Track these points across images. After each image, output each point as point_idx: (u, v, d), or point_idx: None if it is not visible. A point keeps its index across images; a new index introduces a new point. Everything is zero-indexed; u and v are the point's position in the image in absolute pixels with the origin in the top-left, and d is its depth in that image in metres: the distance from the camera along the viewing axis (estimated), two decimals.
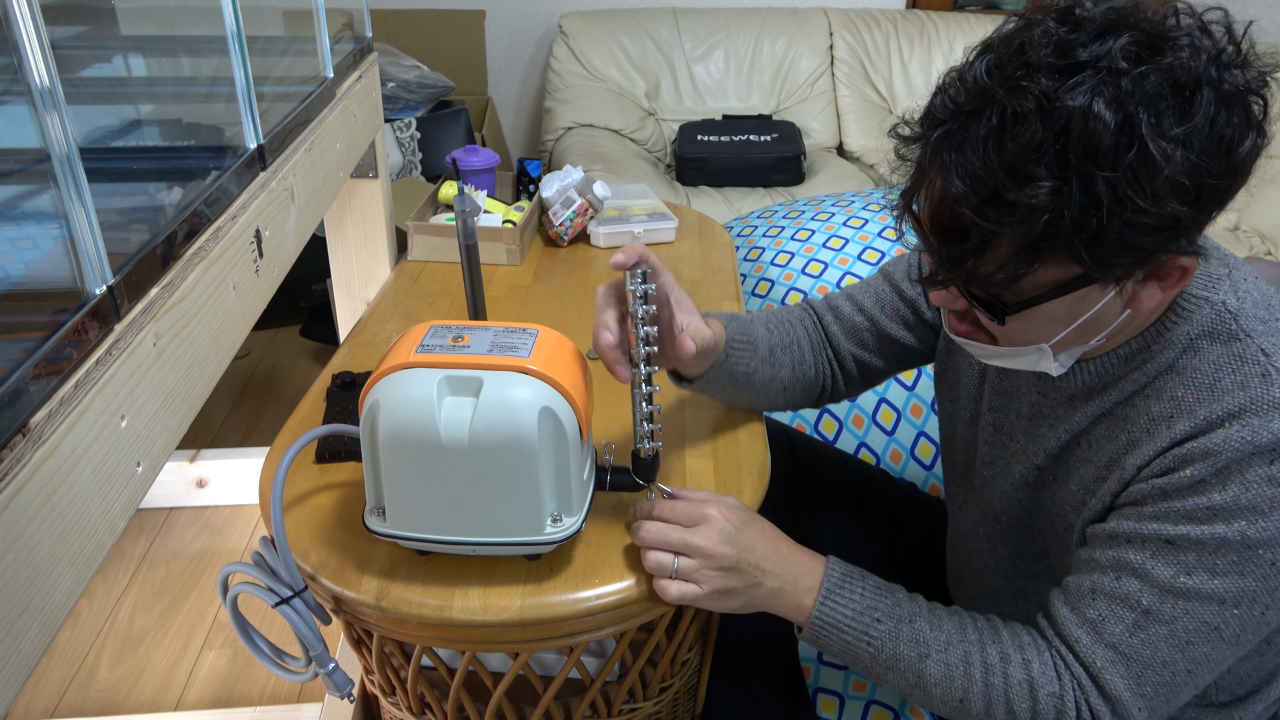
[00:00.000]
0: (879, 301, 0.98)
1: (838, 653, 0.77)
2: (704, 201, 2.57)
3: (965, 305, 0.69)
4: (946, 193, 0.61)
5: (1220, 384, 0.66)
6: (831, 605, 0.75)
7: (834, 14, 3.00)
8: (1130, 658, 0.68)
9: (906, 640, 0.74)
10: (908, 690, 0.75)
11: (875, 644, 0.74)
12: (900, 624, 0.74)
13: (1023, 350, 0.71)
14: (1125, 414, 0.72)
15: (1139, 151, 0.56)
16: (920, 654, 0.73)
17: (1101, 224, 0.57)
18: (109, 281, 0.63)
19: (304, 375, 2.25)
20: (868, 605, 0.75)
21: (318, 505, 0.87)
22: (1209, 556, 0.65)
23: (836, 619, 0.75)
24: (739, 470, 0.93)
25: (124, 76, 0.96)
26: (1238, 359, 0.66)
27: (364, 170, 1.47)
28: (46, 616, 0.54)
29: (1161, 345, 0.70)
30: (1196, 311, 0.69)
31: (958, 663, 0.72)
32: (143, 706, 1.32)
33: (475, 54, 3.02)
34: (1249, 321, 0.67)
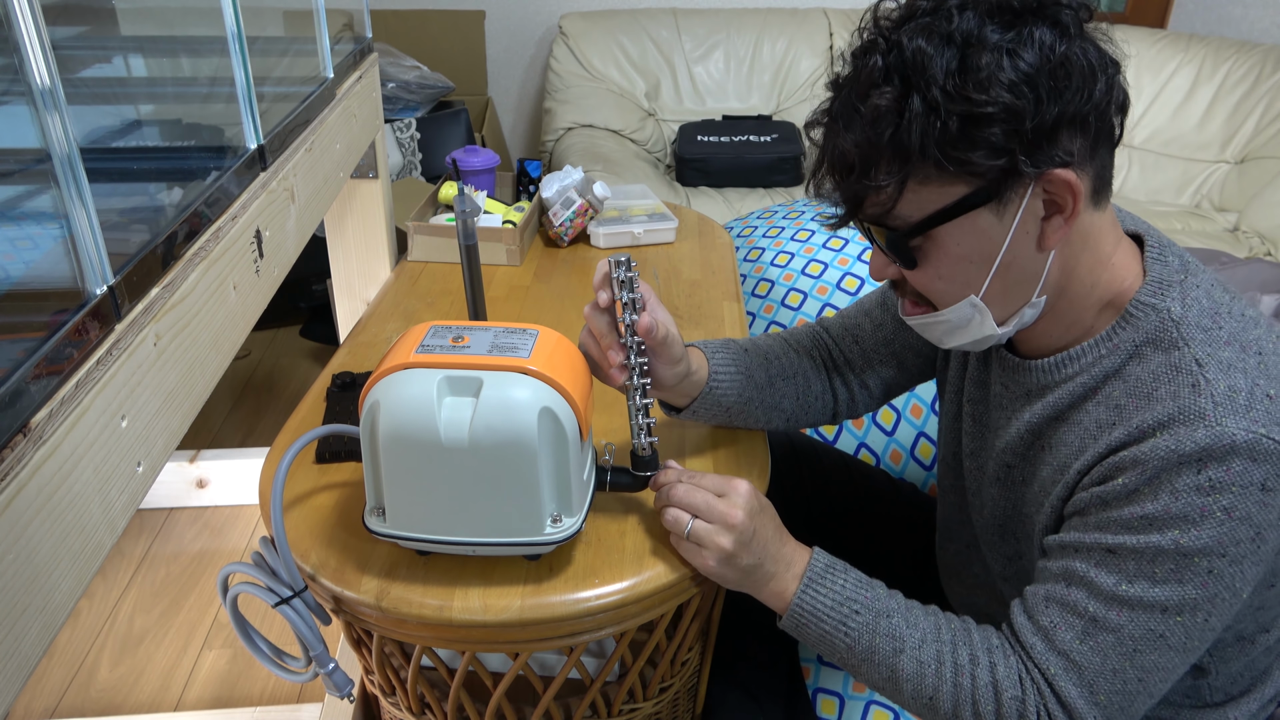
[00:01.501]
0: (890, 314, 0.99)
1: (815, 642, 0.78)
2: (704, 202, 2.57)
3: (895, 270, 0.74)
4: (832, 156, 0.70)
5: (1156, 393, 0.68)
6: (812, 595, 0.76)
7: (834, 14, 3.00)
8: (1081, 665, 0.69)
9: (883, 634, 0.74)
10: (880, 684, 0.76)
11: (852, 635, 0.75)
12: (878, 618, 0.75)
13: (962, 313, 0.73)
14: (1077, 418, 0.74)
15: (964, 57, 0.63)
16: (895, 649, 0.74)
17: (943, 121, 0.63)
18: (110, 281, 0.63)
19: (304, 375, 2.25)
20: (847, 597, 0.76)
21: (318, 505, 0.87)
22: (1147, 565, 0.66)
23: (816, 608, 0.76)
24: (739, 470, 0.93)
25: (124, 77, 0.96)
26: (1173, 368, 0.68)
27: (364, 170, 1.47)
28: (47, 616, 0.54)
29: (1109, 350, 0.72)
30: (1143, 319, 0.71)
31: (930, 660, 0.73)
32: (143, 707, 1.32)
33: (475, 54, 3.02)
34: (1190, 330, 0.69)
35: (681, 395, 0.90)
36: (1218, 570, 0.65)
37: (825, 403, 0.99)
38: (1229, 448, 0.63)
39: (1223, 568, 0.65)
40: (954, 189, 0.66)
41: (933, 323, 0.76)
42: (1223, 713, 0.82)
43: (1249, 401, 0.64)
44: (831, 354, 1.01)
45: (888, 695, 0.77)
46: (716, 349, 0.92)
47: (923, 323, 0.77)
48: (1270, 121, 2.51)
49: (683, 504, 0.78)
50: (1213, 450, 0.63)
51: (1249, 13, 2.83)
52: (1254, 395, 0.65)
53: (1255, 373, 0.66)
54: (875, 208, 0.69)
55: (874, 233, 0.72)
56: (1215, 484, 0.64)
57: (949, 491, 0.96)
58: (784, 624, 0.79)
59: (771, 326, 1.49)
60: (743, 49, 2.96)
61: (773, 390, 0.95)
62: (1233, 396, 0.64)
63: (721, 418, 0.94)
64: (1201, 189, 2.61)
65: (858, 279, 1.48)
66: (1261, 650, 0.80)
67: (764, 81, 2.97)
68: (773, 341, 0.99)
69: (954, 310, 0.73)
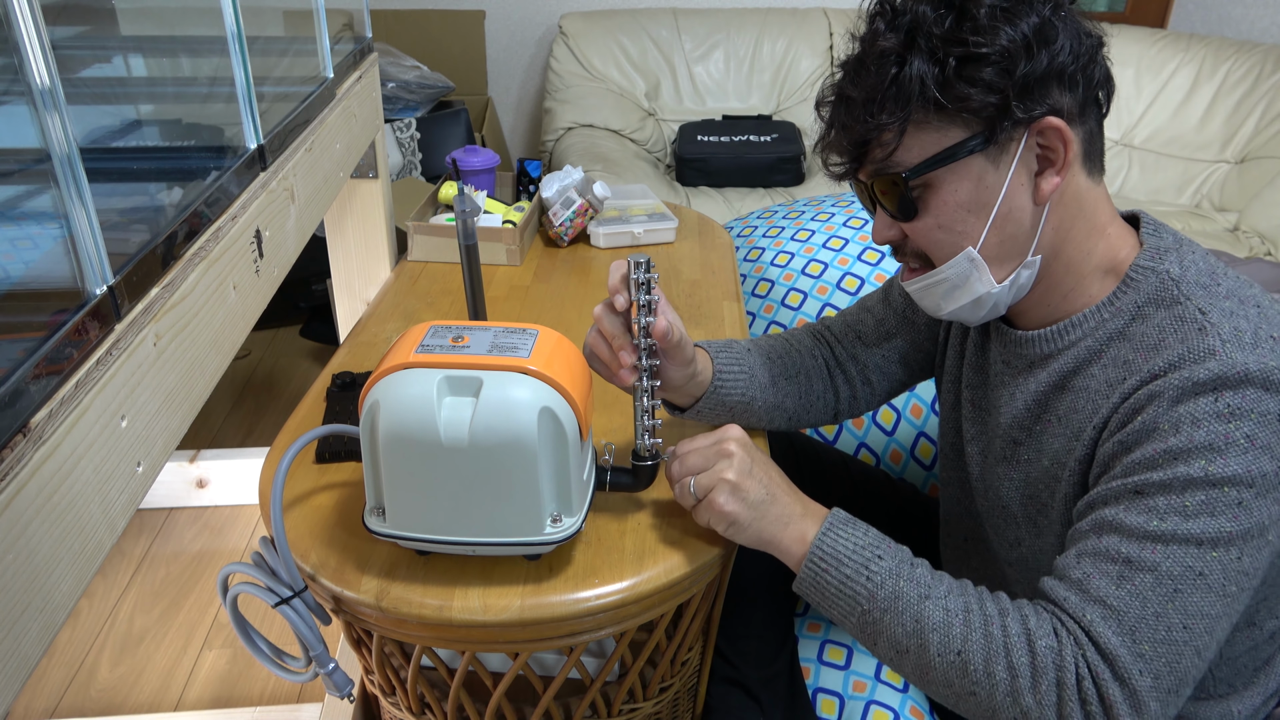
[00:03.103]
0: (892, 309, 1.00)
1: (834, 593, 0.74)
2: (704, 202, 2.57)
3: (896, 231, 0.77)
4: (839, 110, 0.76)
5: (1163, 342, 0.71)
6: (834, 537, 0.75)
7: (834, 14, 3.00)
8: (1120, 611, 0.66)
9: (907, 579, 0.72)
10: (903, 639, 0.71)
11: (875, 579, 0.72)
12: (902, 564, 0.73)
13: (961, 269, 0.75)
14: (1083, 384, 0.76)
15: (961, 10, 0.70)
16: (920, 595, 0.71)
17: (942, 62, 0.69)
18: (109, 281, 0.63)
19: (304, 375, 2.25)
20: (871, 542, 0.75)
21: (318, 505, 0.87)
22: (1176, 498, 0.66)
23: (838, 550, 0.74)
24: None
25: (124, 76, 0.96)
26: (1178, 319, 0.71)
27: (364, 170, 1.47)
28: (47, 616, 0.54)
29: (1111, 314, 0.75)
30: (1143, 281, 0.74)
31: (958, 610, 0.70)
32: (143, 706, 1.32)
33: (475, 54, 3.02)
34: (1189, 287, 0.72)
35: (686, 395, 0.90)
36: (1246, 503, 0.65)
37: (827, 401, 1.00)
38: (1242, 375, 0.65)
39: (1250, 500, 0.65)
40: (952, 132, 0.71)
41: (932, 283, 0.78)
42: (1226, 705, 0.82)
43: (1255, 340, 0.67)
44: (834, 352, 1.01)
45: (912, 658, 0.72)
46: (720, 349, 0.93)
47: (923, 285, 0.79)
48: (1270, 121, 2.51)
49: (683, 472, 0.79)
50: (1226, 378, 0.65)
51: (1249, 13, 2.83)
52: (1259, 336, 0.67)
53: (1256, 320, 0.69)
54: (879, 151, 0.73)
55: (876, 190, 0.76)
56: (1234, 410, 0.65)
57: (950, 484, 0.96)
58: (802, 573, 0.76)
59: (771, 326, 1.49)
60: (743, 49, 2.96)
61: (775, 390, 0.95)
62: (1239, 336, 0.67)
63: (725, 417, 0.94)
64: (1201, 189, 2.61)
65: (858, 279, 1.48)
66: (1266, 636, 0.80)
67: (764, 81, 2.97)
68: (774, 341, 1.00)
69: (952, 266, 0.76)
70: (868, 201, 0.79)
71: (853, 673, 1.06)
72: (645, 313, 0.77)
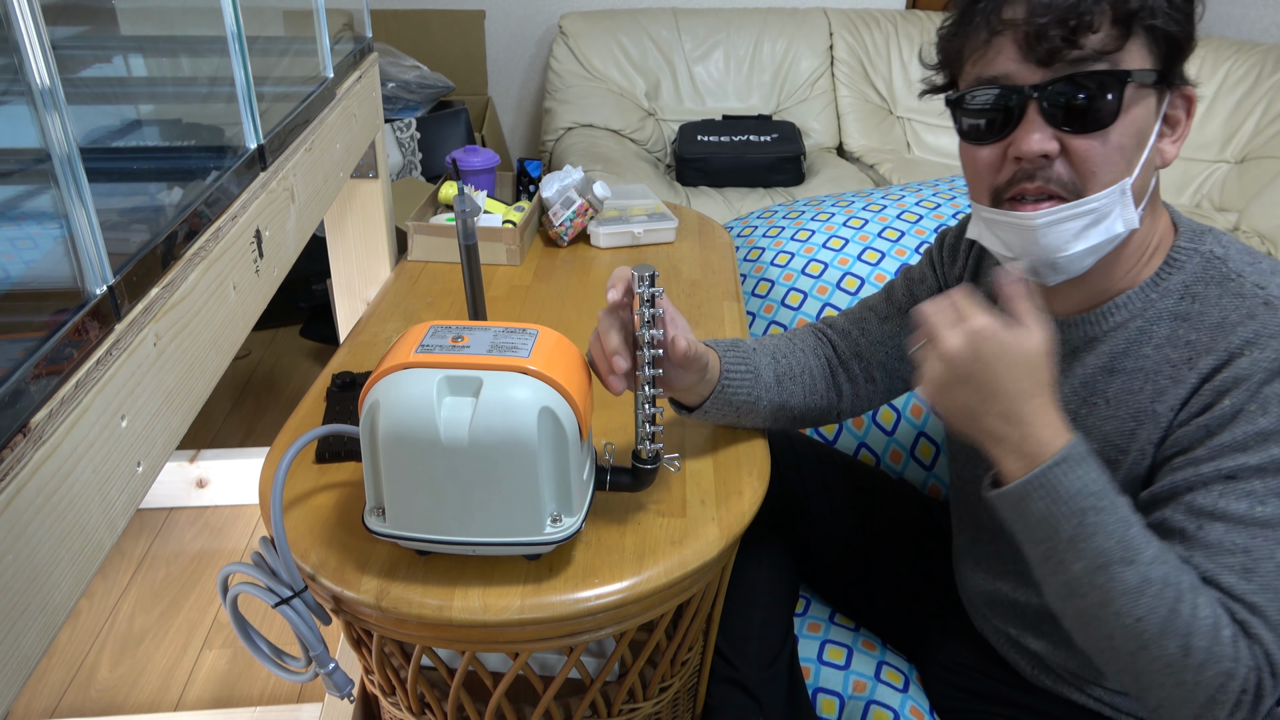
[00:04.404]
0: (901, 305, 0.99)
1: (1035, 521, 0.70)
2: (704, 202, 2.57)
3: (1056, 145, 0.71)
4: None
5: (1228, 320, 0.72)
6: (1063, 471, 0.69)
7: (834, 14, 3.00)
8: (1256, 606, 0.66)
9: (1117, 540, 0.68)
10: (1087, 589, 0.68)
11: (1086, 529, 0.68)
12: (1119, 524, 0.68)
13: (1111, 200, 0.72)
14: (1139, 366, 0.76)
15: None
16: (1124, 559, 0.67)
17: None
18: (109, 281, 0.63)
19: (304, 375, 2.25)
20: (1099, 490, 0.69)
21: (318, 505, 0.87)
22: (1273, 479, 0.67)
23: (1060, 487, 0.69)
24: (739, 470, 0.93)
25: (124, 76, 0.96)
26: (1237, 296, 0.72)
27: (364, 170, 1.47)
28: (47, 616, 0.54)
29: (1159, 294, 0.76)
30: (1188, 261, 0.76)
31: (1157, 579, 0.66)
32: (143, 706, 1.32)
33: (475, 54, 3.03)
34: (1237, 264, 0.74)
35: (694, 395, 0.90)
36: None
37: (830, 400, 0.99)
38: None
39: None
40: (1145, 57, 0.70)
41: (1077, 213, 0.72)
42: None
43: None
44: (836, 350, 1.01)
45: (1083, 603, 0.69)
46: (726, 348, 0.92)
47: (1062, 214, 0.73)
48: (1270, 121, 2.50)
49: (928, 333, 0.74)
50: None
51: (1249, 13, 2.83)
52: None
53: None
54: (1096, 44, 0.69)
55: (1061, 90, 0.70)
56: None
57: (969, 482, 0.95)
58: (1007, 492, 0.71)
59: (771, 326, 1.49)
60: (743, 49, 2.96)
61: (780, 389, 0.95)
62: None
63: (730, 417, 0.94)
64: (1201, 189, 2.61)
65: (858, 279, 1.48)
66: None
67: (764, 81, 2.97)
68: (778, 341, 0.99)
69: (1105, 195, 0.72)
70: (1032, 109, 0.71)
71: (853, 673, 1.06)
72: (648, 327, 0.77)
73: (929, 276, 1.00)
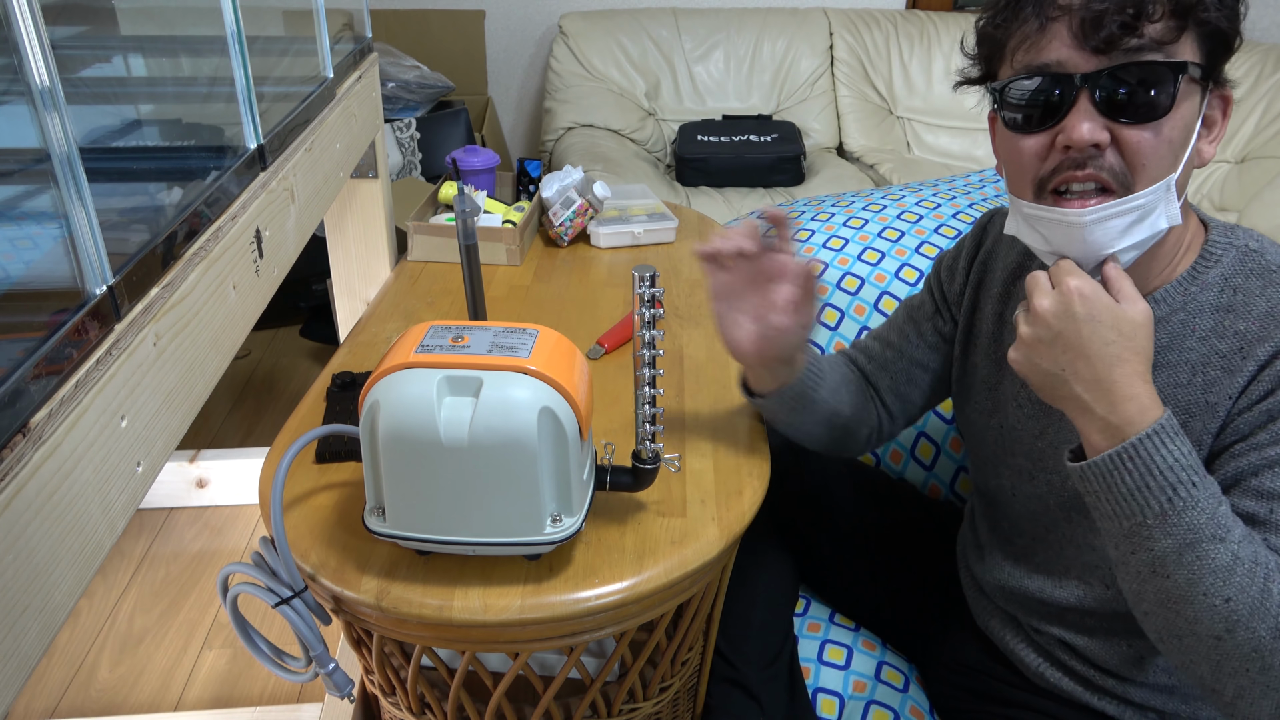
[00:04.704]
0: (904, 332, 1.01)
1: (1124, 495, 0.69)
2: (704, 202, 2.57)
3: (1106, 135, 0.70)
4: None
5: (1278, 309, 0.73)
6: (1159, 441, 0.68)
7: (834, 14, 3.00)
8: None
9: (1209, 516, 0.66)
10: (1168, 571, 0.67)
11: (1177, 504, 0.67)
12: (1211, 499, 0.67)
13: (1155, 197, 0.71)
14: (1185, 359, 0.77)
15: None
16: (1215, 535, 0.66)
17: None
18: (109, 281, 0.63)
19: (304, 375, 2.26)
20: (1194, 464, 0.68)
21: (318, 505, 0.87)
22: None
23: (1156, 457, 0.68)
24: (739, 470, 0.93)
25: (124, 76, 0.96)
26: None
27: (364, 170, 1.47)
28: (47, 616, 0.54)
29: (1199, 287, 0.77)
30: (1224, 255, 0.77)
31: (1247, 558, 0.65)
32: (143, 706, 1.32)
33: (475, 54, 3.03)
34: (1275, 256, 0.76)
35: (773, 379, 0.91)
36: None
37: (868, 415, 1.01)
38: None
39: None
40: (1195, 53, 0.70)
41: (1124, 209, 0.72)
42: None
43: None
44: (866, 374, 1.03)
45: (1165, 583, 0.68)
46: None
47: (1110, 211, 0.72)
48: (1270, 121, 2.51)
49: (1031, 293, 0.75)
50: None
51: (1249, 13, 2.83)
52: None
53: None
54: (1155, 33, 0.68)
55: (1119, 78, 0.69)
56: None
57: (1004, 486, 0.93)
58: (1097, 462, 0.70)
59: None
60: (743, 49, 2.96)
61: (837, 395, 0.96)
62: None
63: (789, 415, 0.95)
64: (1201, 189, 2.61)
65: (858, 279, 1.48)
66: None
67: (764, 81, 2.97)
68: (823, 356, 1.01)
69: (1152, 191, 0.71)
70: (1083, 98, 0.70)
71: (853, 673, 1.06)
72: (649, 327, 0.77)
73: (927, 302, 1.01)
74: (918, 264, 1.48)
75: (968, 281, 0.96)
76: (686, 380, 1.09)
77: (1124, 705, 0.87)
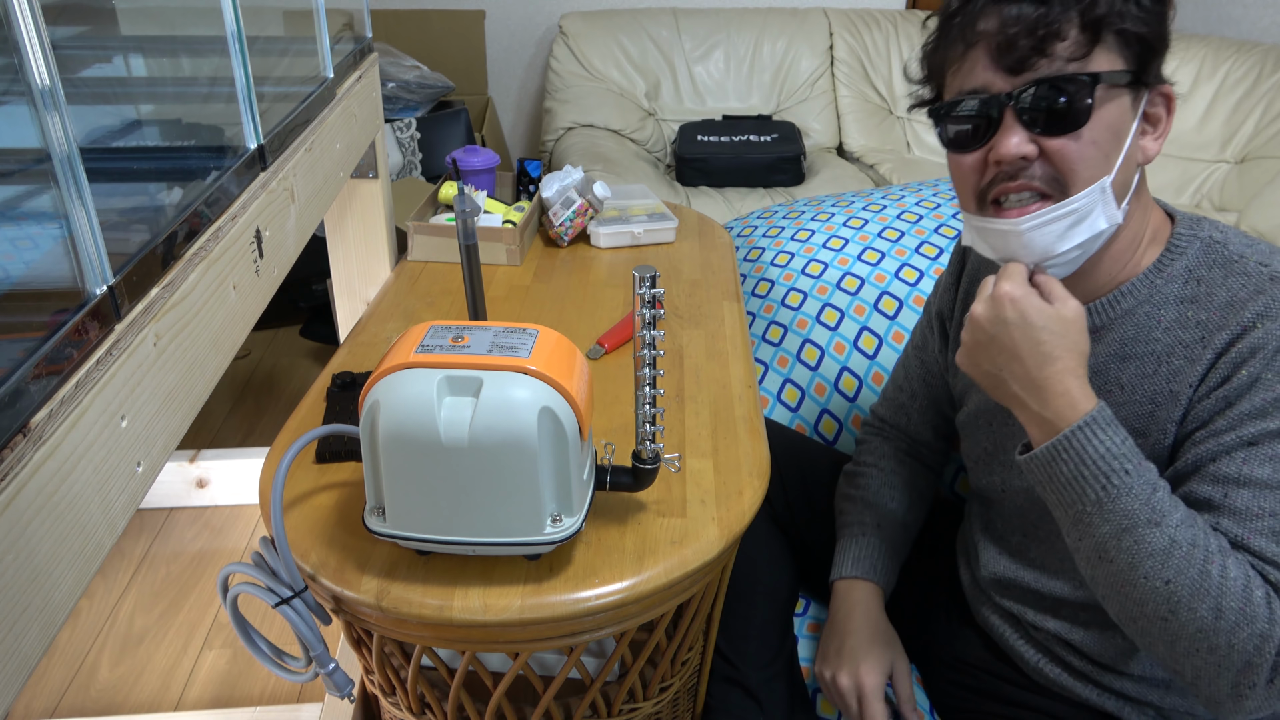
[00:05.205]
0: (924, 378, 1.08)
1: (1063, 484, 0.73)
2: (704, 202, 2.57)
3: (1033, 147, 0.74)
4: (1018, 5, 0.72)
5: (1237, 298, 0.74)
6: (1090, 433, 0.72)
7: (834, 14, 3.00)
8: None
9: (1143, 502, 0.70)
10: (1114, 553, 0.71)
11: (1111, 492, 0.71)
12: (1146, 486, 0.71)
13: (1091, 200, 0.74)
14: (1151, 350, 0.78)
15: None
16: (1151, 520, 0.69)
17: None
18: (109, 281, 0.63)
19: (304, 375, 2.25)
20: (1126, 453, 0.71)
21: (318, 505, 0.87)
22: None
23: (1088, 448, 0.72)
24: (739, 470, 0.93)
25: (124, 76, 0.96)
26: (1242, 275, 0.75)
27: (364, 170, 1.47)
28: (47, 616, 0.54)
29: (1164, 279, 0.79)
30: (1189, 247, 0.79)
31: (1184, 541, 0.68)
32: (143, 706, 1.32)
33: (475, 54, 3.03)
34: (1237, 246, 0.77)
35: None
36: None
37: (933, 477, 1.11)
38: None
39: None
40: (1117, 60, 0.73)
41: (1060, 214, 0.75)
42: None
43: None
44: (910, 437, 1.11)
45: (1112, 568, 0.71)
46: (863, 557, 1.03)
47: (1046, 218, 0.75)
48: (1270, 121, 2.51)
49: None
50: None
51: (1249, 13, 2.83)
52: None
53: None
54: (1065, 50, 0.72)
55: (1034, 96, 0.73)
56: None
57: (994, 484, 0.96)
58: (1037, 454, 0.75)
59: (772, 327, 1.49)
60: (743, 49, 2.96)
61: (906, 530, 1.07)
62: None
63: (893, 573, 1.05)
64: (1201, 189, 2.61)
65: (858, 279, 1.48)
66: None
67: (764, 81, 2.97)
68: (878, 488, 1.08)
69: (1086, 195, 0.74)
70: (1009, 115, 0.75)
71: None
72: (650, 328, 0.77)
73: (929, 336, 1.06)
74: (918, 264, 1.49)
75: (957, 295, 1.00)
76: (686, 380, 1.09)
77: (1122, 700, 0.87)
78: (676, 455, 0.94)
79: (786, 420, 1.41)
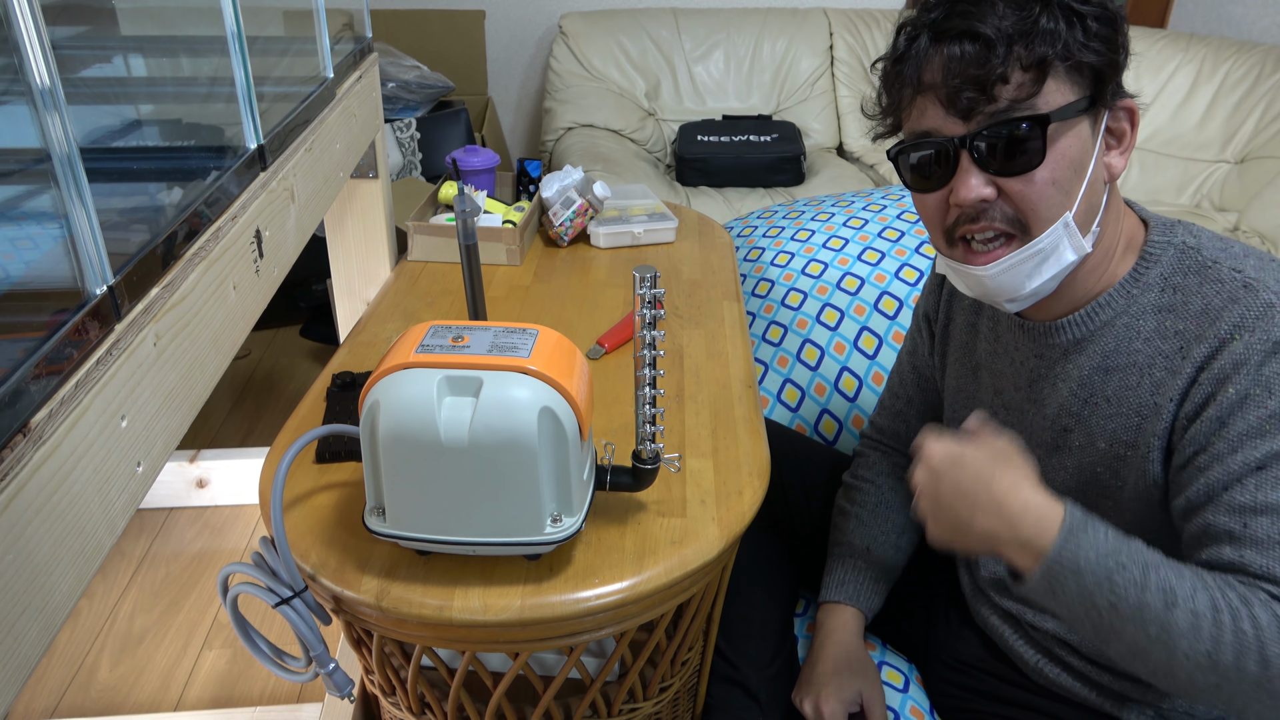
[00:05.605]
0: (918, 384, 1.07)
1: (1071, 603, 0.70)
2: (704, 202, 2.57)
3: (991, 190, 0.74)
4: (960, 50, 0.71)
5: (1211, 306, 0.73)
6: (1077, 544, 0.69)
7: (834, 14, 3.00)
8: None
9: (1153, 589, 0.67)
10: (1147, 645, 0.67)
11: (1118, 593, 0.68)
12: (1145, 571, 0.68)
13: (1055, 237, 0.75)
14: (1133, 361, 0.78)
15: None
16: (1167, 603, 0.66)
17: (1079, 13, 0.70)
18: (109, 281, 0.63)
19: (304, 375, 2.25)
20: (1111, 549, 0.69)
21: (318, 505, 0.87)
22: None
23: (1080, 559, 0.69)
24: (739, 470, 0.93)
25: (124, 76, 0.96)
26: (1217, 281, 0.74)
27: (364, 170, 1.47)
28: (47, 616, 0.54)
29: (1140, 289, 0.78)
30: (1163, 255, 0.78)
31: (1205, 610, 0.66)
32: (143, 706, 1.32)
33: (475, 54, 3.03)
34: (1210, 252, 0.76)
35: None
36: None
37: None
38: None
39: None
40: (1069, 89, 0.72)
41: (1025, 256, 0.76)
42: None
43: None
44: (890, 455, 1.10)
45: (1152, 658, 0.68)
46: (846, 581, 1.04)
47: (1013, 261, 0.76)
48: (1270, 121, 2.51)
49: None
50: None
51: (1249, 13, 2.83)
52: None
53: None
54: (1011, 93, 0.71)
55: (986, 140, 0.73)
56: None
57: None
58: (1033, 582, 0.72)
59: (772, 327, 1.49)
60: (743, 49, 2.96)
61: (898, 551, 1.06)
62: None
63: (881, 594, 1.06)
64: (1201, 189, 2.61)
65: (858, 279, 1.48)
66: None
67: (764, 81, 2.97)
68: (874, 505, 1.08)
69: (1049, 235, 0.75)
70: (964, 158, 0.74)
71: None
72: (650, 328, 0.77)
73: (920, 341, 1.06)
74: (918, 264, 1.48)
75: (941, 295, 1.01)
76: (686, 380, 1.09)
77: (1122, 701, 0.87)
78: (676, 455, 0.94)
79: (786, 420, 1.41)
